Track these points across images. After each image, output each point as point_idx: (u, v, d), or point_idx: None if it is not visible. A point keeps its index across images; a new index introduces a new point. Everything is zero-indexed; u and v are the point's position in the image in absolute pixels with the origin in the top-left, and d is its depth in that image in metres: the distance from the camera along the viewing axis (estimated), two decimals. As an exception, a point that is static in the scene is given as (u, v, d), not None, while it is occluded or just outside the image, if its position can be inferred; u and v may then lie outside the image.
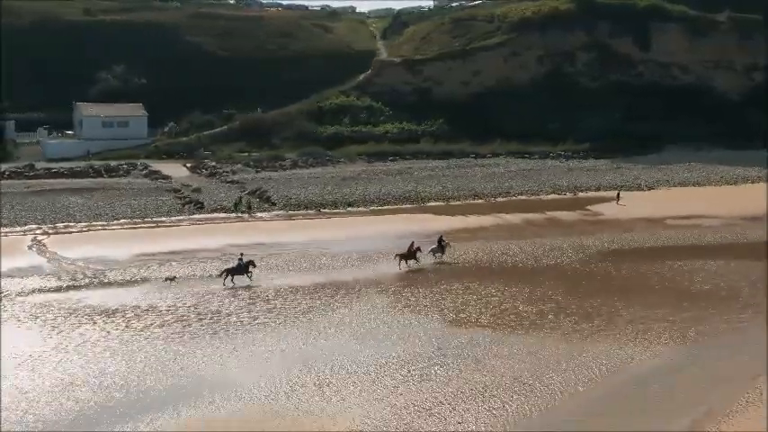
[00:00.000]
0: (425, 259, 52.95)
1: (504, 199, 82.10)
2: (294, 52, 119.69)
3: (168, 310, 41.69)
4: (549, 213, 74.31)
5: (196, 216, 69.72)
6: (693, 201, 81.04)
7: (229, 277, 46.78)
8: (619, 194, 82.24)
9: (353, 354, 34.94)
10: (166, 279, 47.64)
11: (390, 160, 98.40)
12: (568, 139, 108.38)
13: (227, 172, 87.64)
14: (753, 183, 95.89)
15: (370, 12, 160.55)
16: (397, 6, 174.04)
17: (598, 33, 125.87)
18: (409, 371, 32.92)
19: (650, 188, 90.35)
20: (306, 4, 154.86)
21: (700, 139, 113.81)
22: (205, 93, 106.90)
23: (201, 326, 39.25)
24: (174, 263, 52.71)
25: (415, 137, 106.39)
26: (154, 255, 54.58)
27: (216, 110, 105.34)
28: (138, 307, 42.13)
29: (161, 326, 39.09)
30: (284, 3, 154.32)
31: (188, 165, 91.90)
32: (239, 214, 70.61)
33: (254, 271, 47.88)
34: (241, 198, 73.64)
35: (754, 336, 37.93)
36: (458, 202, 79.66)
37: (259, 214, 71.49)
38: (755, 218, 71.76)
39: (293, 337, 37.40)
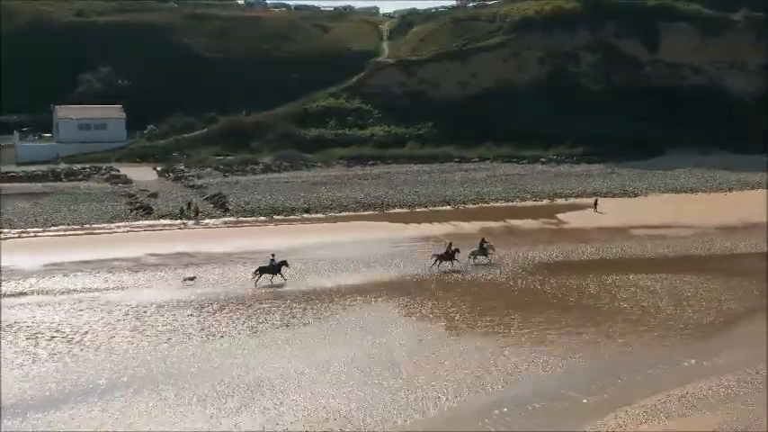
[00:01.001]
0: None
1: (475, 206, 78.52)
2: (288, 53, 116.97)
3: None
4: (512, 222, 70.62)
5: (139, 222, 67.52)
6: (675, 208, 77.07)
7: (259, 275, 46.85)
8: (596, 202, 78.22)
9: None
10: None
11: (370, 164, 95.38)
12: (563, 142, 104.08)
13: (193, 176, 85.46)
14: (752, 189, 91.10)
15: (394, 12, 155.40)
16: (423, 7, 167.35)
17: (604, 33, 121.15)
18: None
19: (636, 195, 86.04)
20: (318, 4, 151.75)
21: (707, 143, 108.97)
22: (192, 95, 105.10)
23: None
24: (79, 273, 50.30)
25: (402, 140, 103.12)
26: (63, 264, 52.16)
27: (201, 112, 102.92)
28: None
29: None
30: (293, 3, 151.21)
31: (158, 168, 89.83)
32: (184, 221, 67.97)
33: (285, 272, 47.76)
34: (190, 204, 71.04)
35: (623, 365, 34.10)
36: (423, 209, 76.21)
37: (207, 221, 68.96)
38: (732, 227, 67.75)
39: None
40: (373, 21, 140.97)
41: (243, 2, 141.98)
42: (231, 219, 69.98)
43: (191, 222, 67.86)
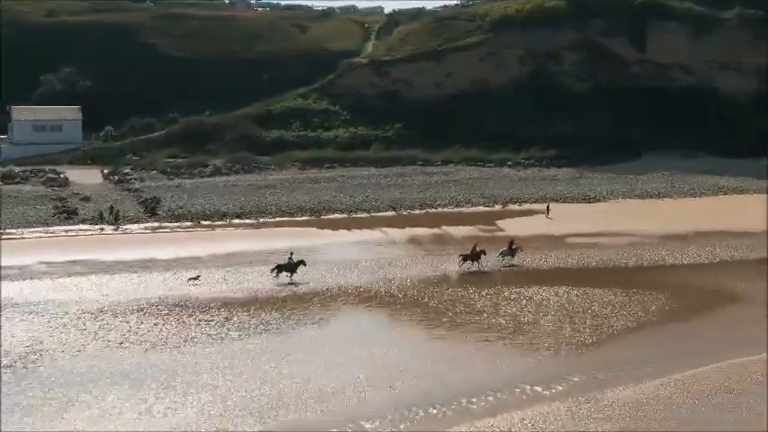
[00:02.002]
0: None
1: (422, 212, 75.92)
2: (260, 54, 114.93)
3: None
4: (447, 229, 67.78)
5: (56, 227, 65.29)
6: (629, 215, 74.14)
7: (279, 273, 47.22)
8: (548, 208, 75.23)
9: None
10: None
11: (327, 167, 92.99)
12: (535, 145, 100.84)
13: (135, 179, 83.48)
14: (727, 194, 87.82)
15: (395, 11, 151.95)
16: (430, 6, 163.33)
17: (589, 31, 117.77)
18: None
19: (596, 200, 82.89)
20: (313, 4, 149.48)
21: (693, 145, 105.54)
22: (156, 96, 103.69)
23: None
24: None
25: (368, 142, 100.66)
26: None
27: (164, 113, 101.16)
28: None
29: None
30: (284, 2, 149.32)
31: (105, 171, 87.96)
32: (102, 226, 65.92)
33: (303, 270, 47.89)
34: (112, 208, 68.97)
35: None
36: (364, 215, 73.66)
37: (128, 226, 66.65)
38: (677, 236, 64.51)
39: None
40: (361, 20, 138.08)
41: (228, 1, 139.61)
42: (154, 224, 67.71)
43: (110, 228, 65.62)
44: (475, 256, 50.87)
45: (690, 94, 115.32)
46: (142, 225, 67.26)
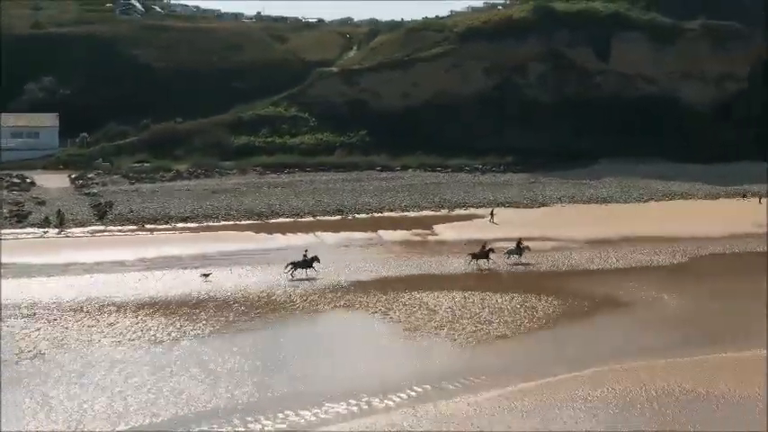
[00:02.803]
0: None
1: (368, 215, 73.61)
2: (238, 63, 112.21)
3: None
4: (383, 232, 65.43)
5: (4, 230, 63.18)
6: (569, 220, 71.81)
7: (293, 269, 47.31)
8: (492, 212, 72.74)
9: None
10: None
11: (287, 172, 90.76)
12: (494, 152, 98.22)
13: (97, 183, 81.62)
14: (674, 199, 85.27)
15: (377, 23, 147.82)
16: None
17: (555, 43, 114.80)
18: None
19: (543, 205, 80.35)
20: (301, 16, 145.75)
21: (652, 153, 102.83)
22: (134, 104, 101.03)
23: None
24: None
25: (332, 148, 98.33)
26: None
27: (140, 121, 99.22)
28: None
29: None
30: (276, 14, 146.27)
31: (72, 176, 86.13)
32: (46, 229, 64.02)
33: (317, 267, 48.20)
34: (59, 211, 67.04)
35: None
36: (309, 219, 71.46)
37: (73, 229, 64.61)
38: (603, 241, 62.16)
39: None
40: (345, 32, 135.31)
41: (216, 14, 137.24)
42: (99, 228, 65.67)
43: (54, 231, 63.70)
44: (484, 254, 50.58)
45: (651, 103, 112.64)
46: (87, 229, 65.14)
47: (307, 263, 47.82)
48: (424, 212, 75.37)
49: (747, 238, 62.98)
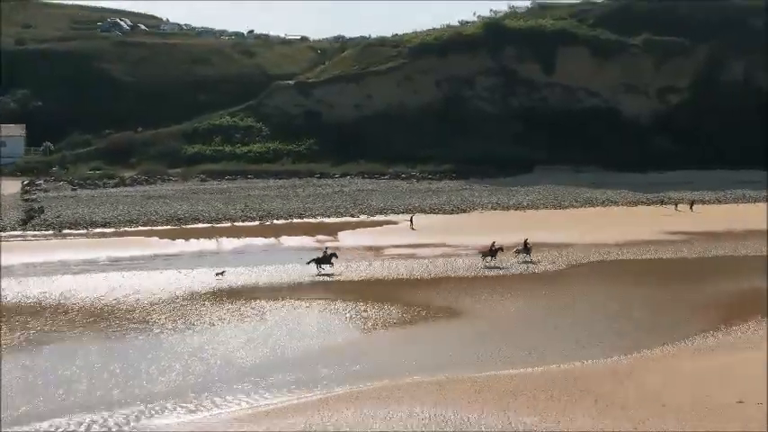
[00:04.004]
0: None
1: (286, 221, 69.12)
2: (204, 77, 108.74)
3: None
4: (285, 238, 61.15)
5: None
6: (480, 226, 66.57)
7: (316, 265, 46.64)
8: (412, 218, 68.18)
9: None
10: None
11: (228, 179, 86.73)
12: (433, 160, 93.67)
13: (41, 189, 77.95)
14: (593, 206, 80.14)
15: (346, 39, 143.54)
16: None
17: (504, 58, 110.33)
18: None
19: (465, 211, 75.64)
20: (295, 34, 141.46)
21: (588, 161, 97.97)
22: (101, 115, 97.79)
23: None
24: None
25: (280, 156, 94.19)
26: None
27: (102, 131, 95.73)
28: None
29: None
30: (263, 31, 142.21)
31: (24, 182, 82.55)
32: (-38, 233, 60.29)
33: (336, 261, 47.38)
34: (-22, 216, 63.41)
35: None
36: (227, 224, 67.21)
37: (-10, 234, 60.78)
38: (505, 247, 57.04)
39: None
40: (317, 47, 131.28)
41: (192, 31, 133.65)
42: (17, 233, 61.71)
43: (-33, 235, 59.85)
44: (493, 252, 49.22)
45: (594, 114, 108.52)
46: (6, 233, 61.20)
47: (326, 259, 47.24)
48: (344, 219, 70.74)
49: (641, 246, 58.03)
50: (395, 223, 68.17)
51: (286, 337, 34.40)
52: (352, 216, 71.40)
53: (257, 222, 68.06)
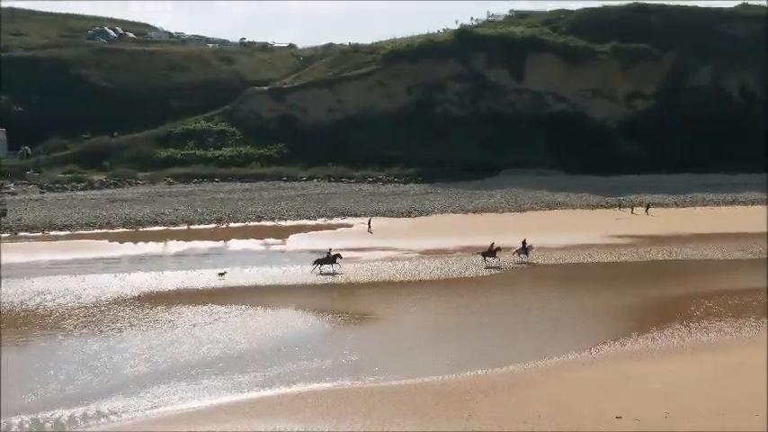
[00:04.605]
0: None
1: (242, 224, 67.39)
2: (182, 83, 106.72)
3: None
4: (234, 242, 59.13)
5: None
6: (431, 229, 64.73)
7: (318, 265, 46.06)
8: (370, 222, 66.31)
9: None
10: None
11: (195, 182, 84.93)
12: (400, 163, 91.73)
13: (9, 192, 76.22)
14: (551, 209, 78.18)
15: (329, 46, 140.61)
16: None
17: (474, 64, 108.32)
18: None
19: (424, 214, 73.66)
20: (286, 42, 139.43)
21: (553, 165, 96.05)
22: (80, 120, 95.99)
23: None
24: None
25: (250, 160, 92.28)
26: None
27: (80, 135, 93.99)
28: None
29: None
30: (249, 39, 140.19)
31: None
32: None
33: (340, 262, 46.86)
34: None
35: None
36: (184, 227, 65.48)
37: (-61, 237, 59.04)
38: (439, 251, 55.25)
39: None
40: (299, 54, 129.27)
41: (179, 38, 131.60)
42: (-28, 235, 60.02)
43: None
44: (492, 252, 48.80)
45: (562, 119, 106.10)
46: (-44, 237, 59.52)
47: (330, 259, 46.64)
48: (301, 222, 68.85)
49: (584, 249, 55.94)
50: (350, 226, 66.26)
51: (189, 344, 32.55)
52: (310, 219, 69.41)
53: (213, 225, 66.16)
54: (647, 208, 76.13)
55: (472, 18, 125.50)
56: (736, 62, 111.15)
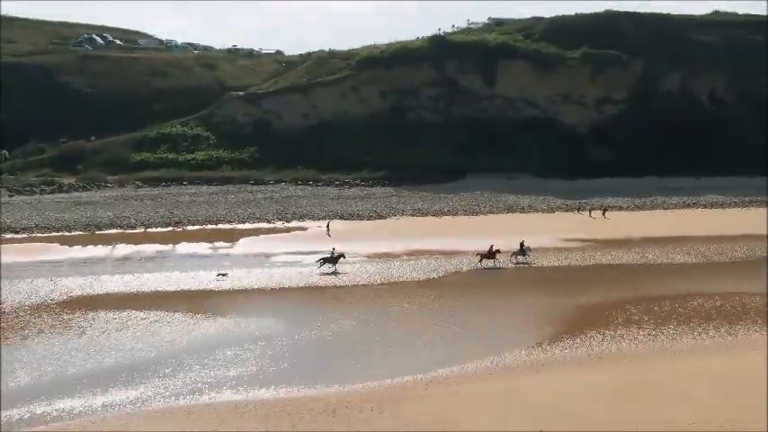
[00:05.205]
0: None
1: (199, 227, 65.02)
2: (163, 88, 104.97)
3: None
4: (186, 245, 57.00)
5: None
6: (385, 233, 62.54)
7: (325, 264, 45.80)
8: (328, 225, 64.09)
9: None
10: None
11: (163, 186, 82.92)
12: (369, 167, 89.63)
13: (-23, 196, 74.33)
14: (512, 212, 75.94)
15: (310, 53, 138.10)
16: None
17: (447, 70, 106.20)
18: None
19: (383, 218, 71.43)
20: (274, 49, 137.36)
21: (522, 169, 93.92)
22: (59, 124, 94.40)
23: None
24: None
25: (221, 163, 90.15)
26: None
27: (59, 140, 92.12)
28: None
29: None
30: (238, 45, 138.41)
31: (-34, 189, 78.98)
32: None
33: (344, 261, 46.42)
34: None
35: None
36: (141, 230, 63.37)
37: None
38: (388, 255, 53.23)
39: None
40: (282, 60, 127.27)
41: (166, 46, 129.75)
42: None
43: None
44: (491, 254, 47.66)
45: (532, 124, 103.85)
46: None
47: (334, 259, 46.24)
48: (258, 225, 66.49)
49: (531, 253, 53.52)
50: (304, 229, 63.97)
51: (88, 352, 30.54)
52: (268, 222, 67.21)
53: (170, 228, 63.98)
54: (605, 211, 73.87)
55: (453, 26, 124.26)
56: (705, 68, 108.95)
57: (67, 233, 60.95)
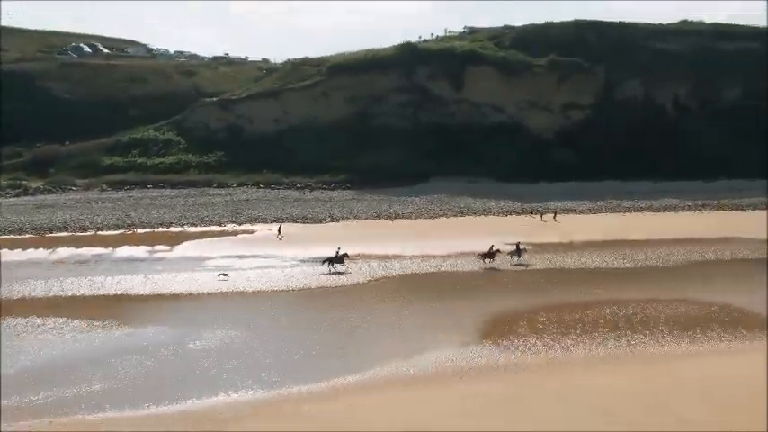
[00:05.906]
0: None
1: (151, 230, 62.49)
2: (141, 95, 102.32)
3: None
4: (127, 249, 54.43)
5: None
6: (332, 236, 59.66)
7: (328, 264, 44.93)
8: (280, 228, 61.56)
9: None
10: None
11: (126, 189, 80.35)
12: (331, 171, 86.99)
13: (-58, 199, 71.92)
14: (464, 215, 73.23)
15: (289, 60, 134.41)
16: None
17: (417, 77, 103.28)
18: None
19: (334, 220, 68.79)
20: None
21: (485, 174, 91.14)
22: (38, 130, 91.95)
23: None
24: None
25: (188, 167, 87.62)
26: None
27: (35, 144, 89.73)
28: None
29: None
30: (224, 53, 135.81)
31: (-64, 192, 76.62)
32: None
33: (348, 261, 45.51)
34: None
35: None
36: (92, 233, 60.88)
37: None
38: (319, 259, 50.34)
39: None
40: (263, 67, 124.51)
41: (149, 54, 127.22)
42: None
43: None
44: (491, 254, 46.91)
45: (499, 129, 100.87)
46: None
47: (338, 259, 45.22)
48: (209, 228, 63.87)
49: (465, 257, 50.99)
50: (252, 233, 61.36)
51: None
52: (220, 225, 64.63)
53: (120, 231, 61.45)
54: (555, 215, 71.17)
55: (432, 34, 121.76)
56: (669, 76, 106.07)
57: (18, 236, 58.36)
